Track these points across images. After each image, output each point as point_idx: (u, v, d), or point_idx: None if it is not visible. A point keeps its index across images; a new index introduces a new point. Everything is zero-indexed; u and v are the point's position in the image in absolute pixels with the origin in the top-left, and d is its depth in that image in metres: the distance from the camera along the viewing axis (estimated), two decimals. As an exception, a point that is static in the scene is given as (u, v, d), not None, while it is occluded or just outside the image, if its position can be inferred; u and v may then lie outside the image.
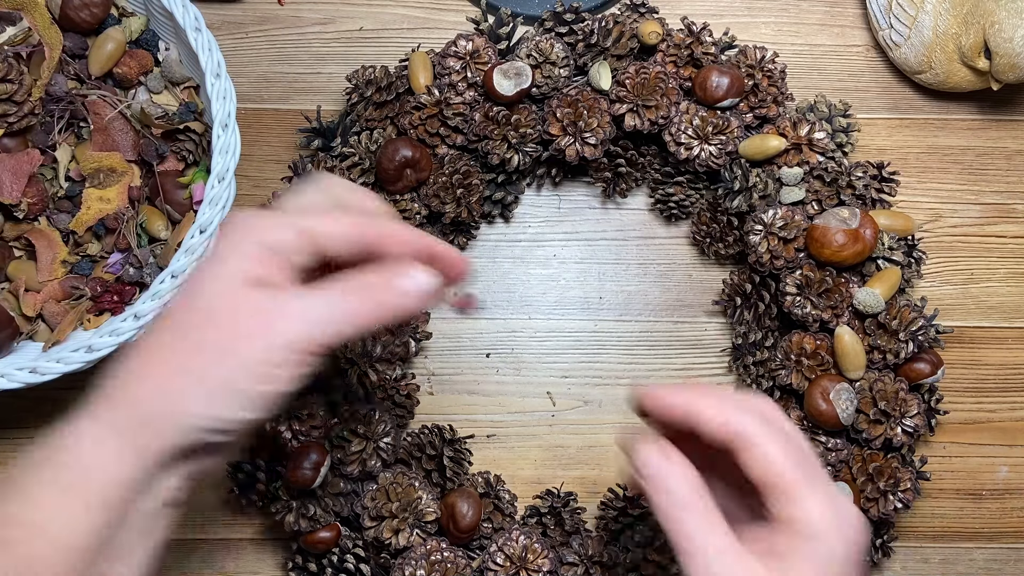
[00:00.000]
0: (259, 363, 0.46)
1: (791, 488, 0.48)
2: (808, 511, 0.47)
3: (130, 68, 0.73)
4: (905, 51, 0.78)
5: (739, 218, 0.76)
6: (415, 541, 0.71)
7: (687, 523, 0.48)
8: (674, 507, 0.48)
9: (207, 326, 0.47)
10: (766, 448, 0.48)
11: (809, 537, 0.47)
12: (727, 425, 0.49)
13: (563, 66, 0.74)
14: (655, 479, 0.49)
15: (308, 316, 0.47)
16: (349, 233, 0.49)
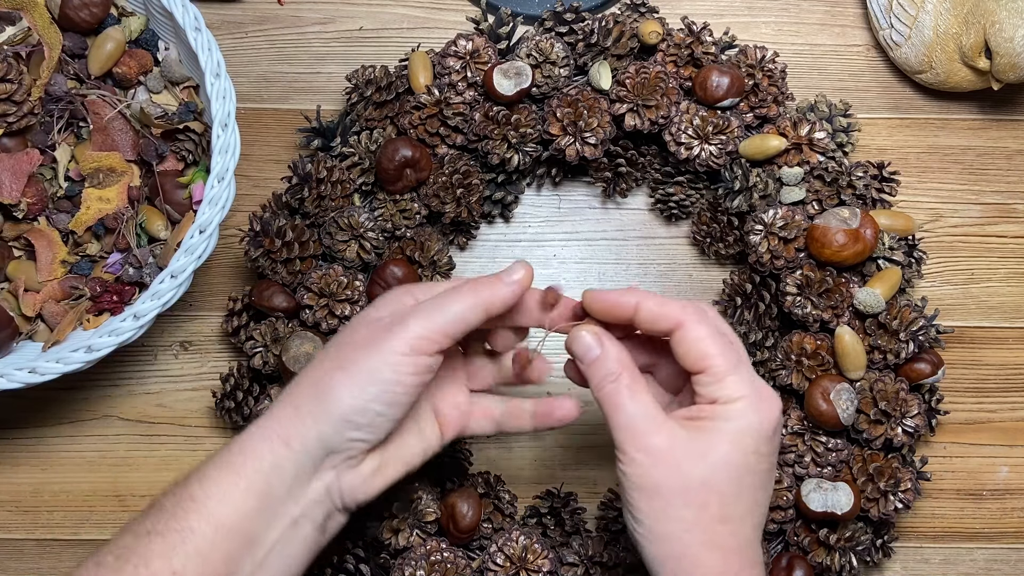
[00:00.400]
0: (397, 353, 0.54)
1: (717, 370, 0.54)
2: (730, 390, 0.54)
3: (130, 68, 0.73)
4: (905, 51, 0.78)
5: (739, 218, 0.76)
6: (415, 541, 0.71)
7: (619, 395, 0.55)
8: (607, 382, 0.55)
9: (353, 338, 0.56)
10: (698, 333, 0.55)
11: (729, 411, 0.54)
12: (666, 313, 0.56)
13: (563, 66, 0.74)
14: (593, 362, 0.56)
15: (434, 311, 0.55)
16: (479, 316, 0.57)
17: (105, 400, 0.78)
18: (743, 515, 0.55)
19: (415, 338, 0.54)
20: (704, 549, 0.54)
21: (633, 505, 0.55)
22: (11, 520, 0.77)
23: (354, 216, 0.73)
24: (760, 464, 0.55)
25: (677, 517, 0.54)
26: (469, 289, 0.56)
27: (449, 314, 0.55)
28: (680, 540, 0.54)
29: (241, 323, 0.74)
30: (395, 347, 0.54)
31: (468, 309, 0.56)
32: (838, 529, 0.71)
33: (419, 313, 0.55)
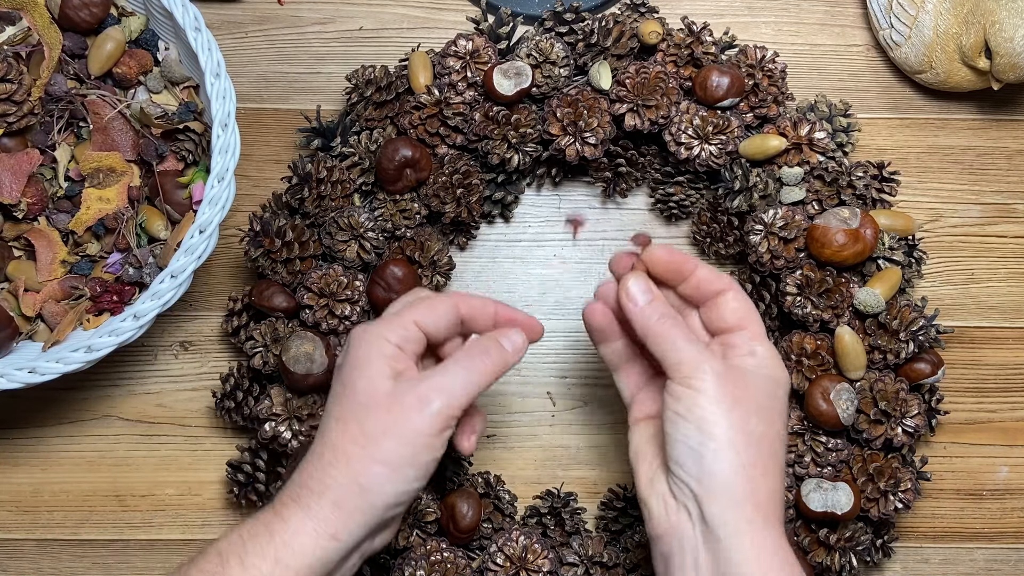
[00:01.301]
0: (423, 435, 0.58)
1: (755, 330, 0.61)
2: (764, 347, 0.60)
3: (130, 68, 0.73)
4: (905, 51, 0.78)
5: (739, 218, 0.76)
6: (415, 541, 0.71)
7: (676, 330, 0.59)
8: (663, 320, 0.60)
9: (373, 416, 0.58)
10: (744, 297, 0.62)
11: (764, 362, 0.60)
12: (720, 277, 0.62)
13: (563, 66, 0.74)
14: (649, 304, 0.61)
15: (446, 389, 0.58)
16: (447, 314, 0.62)
17: (105, 400, 0.78)
18: (784, 451, 0.60)
19: (442, 418, 0.58)
20: (772, 460, 0.57)
21: (709, 420, 0.56)
22: (11, 520, 0.77)
23: (354, 216, 0.73)
24: (786, 411, 0.60)
25: (753, 428, 0.57)
26: (483, 362, 0.60)
27: (470, 387, 0.59)
28: (757, 448, 0.57)
29: (241, 323, 0.74)
30: (424, 430, 0.58)
31: (484, 382, 0.60)
32: (838, 529, 0.71)
33: (439, 388, 0.58)
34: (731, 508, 0.56)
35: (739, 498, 0.56)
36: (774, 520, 0.56)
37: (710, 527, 0.56)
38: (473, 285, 0.79)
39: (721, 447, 0.56)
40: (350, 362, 0.60)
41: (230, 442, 0.77)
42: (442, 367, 0.60)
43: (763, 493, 0.56)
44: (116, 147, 0.73)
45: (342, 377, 0.60)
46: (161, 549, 0.77)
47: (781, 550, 0.56)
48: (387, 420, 0.57)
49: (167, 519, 0.77)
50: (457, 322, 0.62)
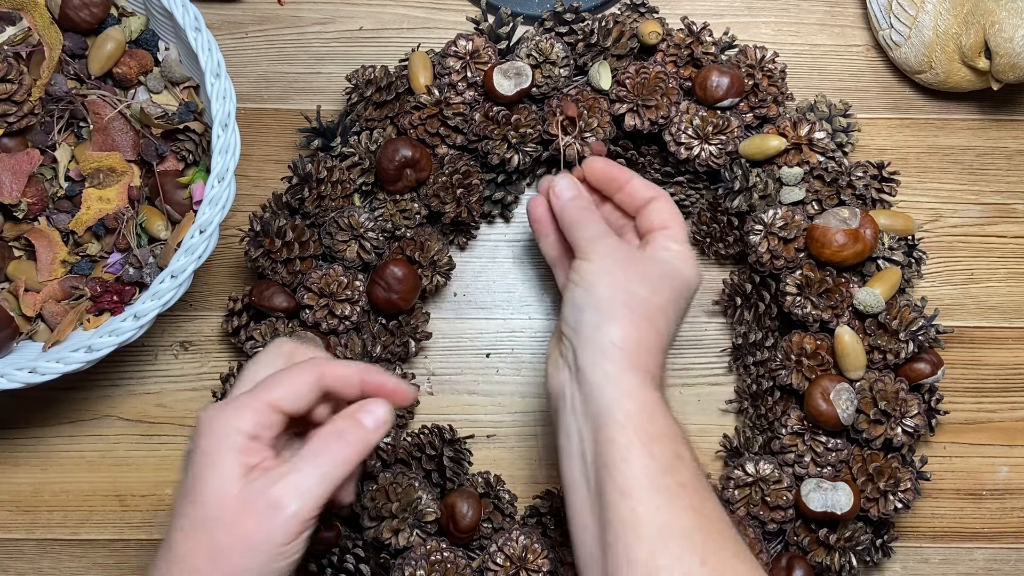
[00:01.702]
0: (277, 545, 0.54)
1: (676, 232, 0.66)
2: (681, 246, 0.65)
3: (130, 68, 0.73)
4: (905, 51, 0.78)
5: (739, 218, 0.76)
6: (415, 541, 0.71)
7: (589, 216, 0.66)
8: (578, 206, 0.66)
9: (221, 528, 0.54)
10: (671, 204, 0.67)
11: (675, 254, 0.65)
12: (651, 186, 0.68)
13: (563, 66, 0.74)
14: (572, 199, 0.67)
15: (301, 489, 0.54)
16: (307, 390, 0.57)
17: (105, 400, 0.78)
18: (671, 328, 0.63)
19: (297, 523, 0.54)
20: (647, 320, 0.61)
21: (593, 283, 0.62)
22: (11, 520, 0.77)
23: (354, 216, 0.73)
24: (686, 303, 0.65)
25: (635, 291, 0.61)
26: (340, 450, 0.56)
27: (327, 482, 0.55)
28: (632, 308, 0.61)
29: (241, 323, 0.74)
30: (278, 540, 0.54)
31: (343, 472, 0.56)
32: (838, 529, 0.71)
33: (293, 489, 0.54)
34: (599, 354, 0.59)
35: (606, 345, 0.59)
36: (641, 370, 0.59)
37: (582, 371, 0.60)
38: (473, 285, 0.80)
39: (598, 302, 0.61)
40: (198, 458, 0.55)
41: (230, 442, 0.77)
42: (296, 462, 0.55)
43: (631, 343, 0.60)
44: (116, 147, 0.73)
45: (190, 476, 0.55)
46: (161, 549, 0.77)
47: (642, 392, 0.59)
48: (236, 534, 0.53)
49: (167, 519, 0.77)
50: (319, 395, 0.58)
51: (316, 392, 0.57)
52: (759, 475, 0.72)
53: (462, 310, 0.79)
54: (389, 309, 0.73)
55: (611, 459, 0.57)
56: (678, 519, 0.55)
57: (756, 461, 0.72)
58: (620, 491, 0.56)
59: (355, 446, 0.56)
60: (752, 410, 0.76)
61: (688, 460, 0.58)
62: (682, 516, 0.56)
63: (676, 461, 0.57)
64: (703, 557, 0.54)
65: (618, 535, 0.56)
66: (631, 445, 0.57)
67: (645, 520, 0.55)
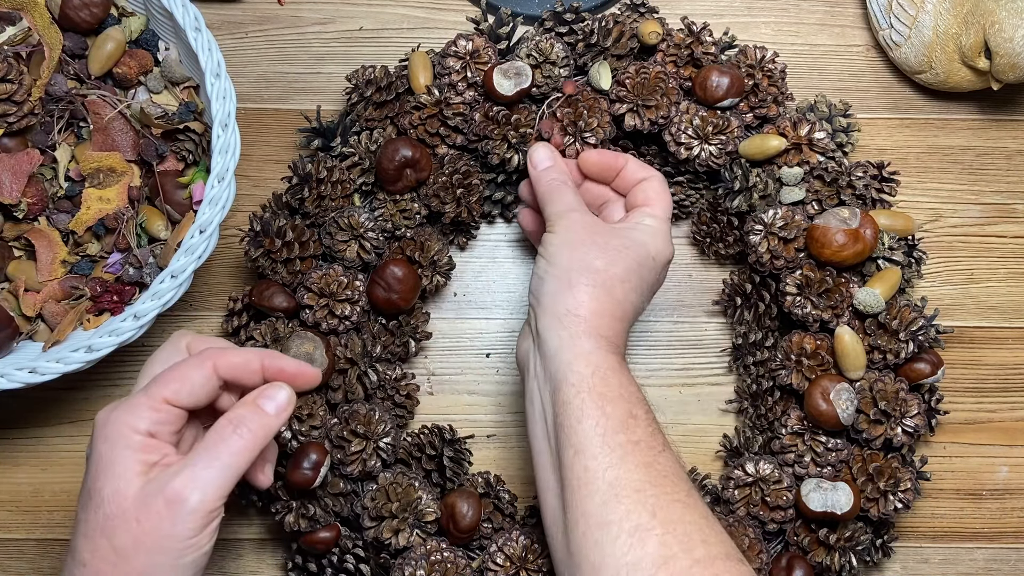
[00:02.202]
0: (181, 540, 0.53)
1: (658, 210, 0.68)
2: (658, 222, 0.67)
3: (130, 68, 0.73)
4: (905, 51, 0.78)
5: (739, 218, 0.76)
6: (415, 541, 0.71)
7: (563, 188, 0.68)
8: (554, 179, 0.68)
9: (122, 530, 0.53)
10: (662, 184, 0.69)
11: (647, 228, 0.66)
12: (644, 167, 0.70)
13: (563, 66, 0.74)
14: (547, 168, 0.69)
15: (202, 481, 0.54)
16: (203, 382, 0.56)
17: (105, 400, 0.78)
18: (631, 298, 0.64)
19: (200, 516, 0.53)
20: (604, 290, 0.63)
21: (556, 254, 0.64)
22: (11, 520, 0.77)
23: (354, 216, 0.73)
24: (651, 275, 0.66)
25: (592, 263, 0.63)
26: (239, 439, 0.55)
27: (228, 473, 0.54)
28: (591, 277, 0.63)
29: (241, 323, 0.74)
30: (181, 535, 0.53)
31: (245, 460, 0.55)
32: (838, 529, 0.71)
33: (192, 482, 0.53)
34: (556, 320, 0.62)
35: (562, 312, 0.62)
36: (597, 336, 0.61)
37: (542, 338, 0.63)
38: (473, 285, 0.80)
39: (558, 272, 0.63)
40: (95, 461, 0.54)
41: (230, 442, 0.77)
42: (194, 455, 0.54)
43: (586, 310, 0.62)
44: (116, 147, 0.73)
45: (88, 479, 0.55)
46: (161, 549, 0.77)
47: (596, 355, 0.61)
48: (137, 532, 0.53)
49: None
50: (217, 386, 0.57)
51: (212, 383, 0.57)
52: (759, 475, 0.72)
53: (462, 310, 0.79)
54: (389, 309, 0.73)
55: (567, 419, 0.60)
56: (630, 474, 0.58)
57: (756, 461, 0.72)
58: (574, 449, 0.59)
59: (255, 433, 0.56)
60: (752, 410, 0.76)
61: (642, 419, 0.60)
62: (634, 471, 0.58)
63: (630, 420, 0.60)
64: (653, 510, 0.56)
65: (574, 491, 0.58)
66: (584, 406, 0.59)
67: (597, 476, 0.58)
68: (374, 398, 0.74)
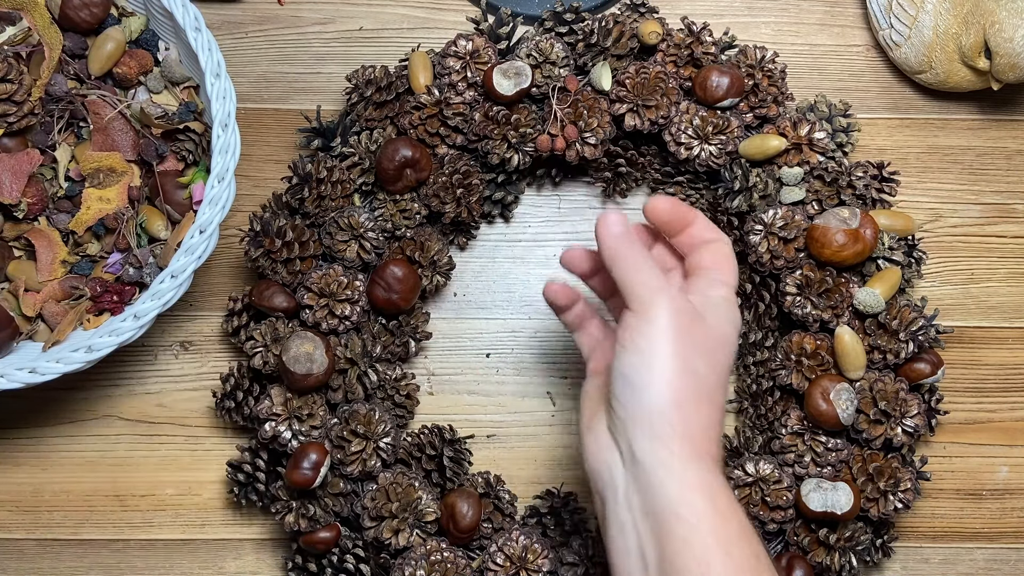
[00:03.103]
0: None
1: (726, 274, 0.62)
2: (727, 292, 0.61)
3: (130, 68, 0.73)
4: (905, 51, 0.78)
5: (739, 218, 0.76)
6: (415, 541, 0.71)
7: (639, 256, 0.59)
8: (628, 245, 0.59)
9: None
10: (729, 249, 0.63)
11: (719, 305, 0.60)
12: (712, 227, 0.64)
13: (563, 66, 0.74)
14: (620, 234, 0.60)
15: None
16: None
17: (105, 400, 0.78)
18: (724, 397, 0.59)
19: None
20: (708, 401, 0.57)
21: (653, 353, 0.56)
22: (11, 520, 0.77)
23: (354, 216, 0.73)
24: (730, 360, 0.60)
25: (695, 368, 0.56)
26: None
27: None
28: (695, 387, 0.56)
29: (241, 323, 0.74)
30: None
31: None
32: (838, 529, 0.71)
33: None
34: (658, 442, 0.55)
35: (667, 433, 0.55)
36: (705, 455, 0.55)
37: (638, 461, 0.55)
38: (473, 285, 0.80)
39: (658, 382, 0.55)
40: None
41: (230, 442, 0.78)
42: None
43: (695, 428, 0.55)
44: (116, 147, 0.73)
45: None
46: (161, 549, 0.77)
47: (709, 484, 0.55)
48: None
49: (167, 519, 0.77)
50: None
51: None
52: (759, 475, 0.72)
53: (462, 310, 0.79)
54: (389, 309, 0.73)
55: (685, 564, 0.53)
56: None
57: (756, 461, 0.72)
58: None
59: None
60: (752, 410, 0.76)
61: (764, 558, 0.55)
62: None
63: (755, 561, 0.54)
64: None
65: None
66: (708, 549, 0.53)
67: None
68: (374, 398, 0.74)
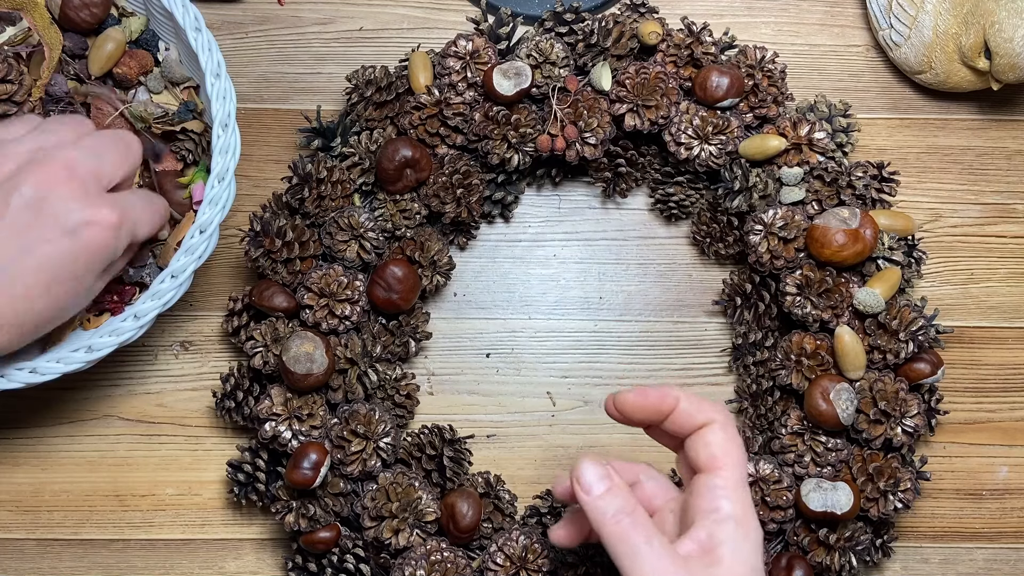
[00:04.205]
0: None
1: (727, 478, 0.55)
2: (728, 507, 0.55)
3: (130, 68, 0.73)
4: (905, 51, 0.78)
5: (739, 218, 0.76)
6: (415, 541, 0.71)
7: (634, 535, 0.52)
8: (620, 517, 0.53)
9: None
10: (723, 437, 0.56)
11: (725, 534, 0.54)
12: (701, 411, 0.56)
13: (563, 66, 0.74)
14: (604, 494, 0.54)
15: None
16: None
17: (105, 400, 0.78)
18: None
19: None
20: None
21: None
22: (11, 520, 0.77)
23: (354, 216, 0.73)
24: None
25: None
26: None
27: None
28: None
29: (241, 323, 0.74)
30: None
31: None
32: (838, 529, 0.71)
33: None
34: None
35: None
36: None
37: None
38: (473, 285, 0.80)
39: None
40: None
41: (230, 442, 0.78)
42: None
43: None
44: (116, 147, 0.73)
45: None
46: (161, 549, 0.77)
47: None
48: None
49: (167, 519, 0.77)
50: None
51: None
52: (759, 475, 0.72)
53: (462, 310, 0.79)
54: (389, 309, 0.73)
55: None
56: None
57: (756, 461, 0.72)
58: None
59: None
60: (752, 410, 0.76)
61: None
62: None
63: None
64: None
65: None
66: None
67: None
68: (374, 398, 0.74)
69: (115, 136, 0.64)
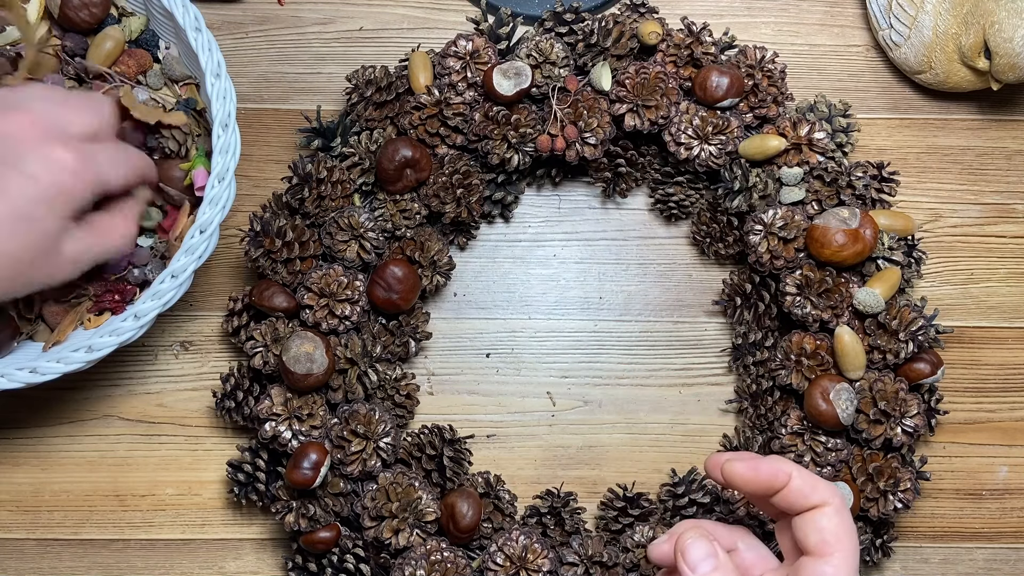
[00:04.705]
0: None
1: (837, 566, 0.52)
2: None
3: (129, 67, 0.73)
4: (905, 51, 0.78)
5: (739, 218, 0.76)
6: (415, 541, 0.71)
7: None
8: None
9: None
10: (834, 523, 0.53)
11: None
12: (815, 491, 0.54)
13: (563, 66, 0.74)
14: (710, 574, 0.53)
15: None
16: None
17: (105, 400, 0.78)
18: None
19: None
20: None
21: None
22: (11, 520, 0.77)
23: (354, 216, 0.73)
24: None
25: None
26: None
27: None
28: None
29: (241, 323, 0.74)
30: None
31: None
32: (838, 529, 0.71)
33: None
34: None
35: None
36: None
37: None
38: (473, 285, 0.80)
39: None
40: None
41: (230, 442, 0.78)
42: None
43: None
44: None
45: None
46: (161, 549, 0.77)
47: None
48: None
49: (167, 519, 0.77)
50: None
51: None
52: (759, 475, 0.72)
53: (462, 310, 0.79)
54: (389, 309, 0.73)
55: None
56: None
57: (756, 461, 0.72)
58: None
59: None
60: (752, 410, 0.76)
61: None
62: None
63: None
64: None
65: None
66: None
67: None
68: (374, 398, 0.74)
69: (87, 94, 0.64)
